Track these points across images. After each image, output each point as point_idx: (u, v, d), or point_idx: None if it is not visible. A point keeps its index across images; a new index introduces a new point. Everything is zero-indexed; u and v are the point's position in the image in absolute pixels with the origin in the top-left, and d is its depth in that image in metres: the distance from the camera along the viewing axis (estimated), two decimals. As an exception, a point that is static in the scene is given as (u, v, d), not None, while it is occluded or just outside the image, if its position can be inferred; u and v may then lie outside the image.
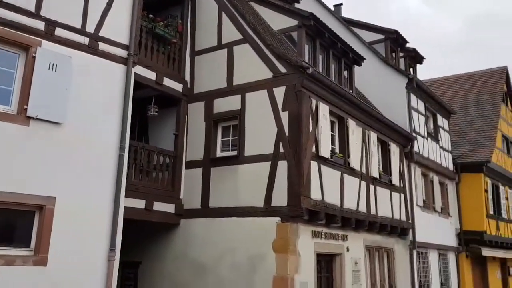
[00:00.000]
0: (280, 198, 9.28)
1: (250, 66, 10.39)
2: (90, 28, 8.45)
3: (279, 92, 9.78)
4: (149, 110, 10.76)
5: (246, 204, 9.70)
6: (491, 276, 20.22)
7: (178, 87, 11.00)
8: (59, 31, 7.97)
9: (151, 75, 10.18)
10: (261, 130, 9.86)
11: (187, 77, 11.35)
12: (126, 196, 8.70)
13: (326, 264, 10.44)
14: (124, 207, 8.55)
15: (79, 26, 8.29)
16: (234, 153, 10.20)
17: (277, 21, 11.55)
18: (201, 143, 10.75)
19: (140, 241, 11.11)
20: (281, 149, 9.49)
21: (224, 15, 11.11)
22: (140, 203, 9.66)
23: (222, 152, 10.61)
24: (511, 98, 23.98)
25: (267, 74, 10.06)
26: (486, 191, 18.68)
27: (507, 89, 23.51)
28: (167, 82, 10.65)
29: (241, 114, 10.24)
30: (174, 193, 10.58)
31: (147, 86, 10.16)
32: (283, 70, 9.86)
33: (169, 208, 10.42)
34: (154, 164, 10.28)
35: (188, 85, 11.28)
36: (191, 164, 10.82)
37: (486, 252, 18.41)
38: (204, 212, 10.34)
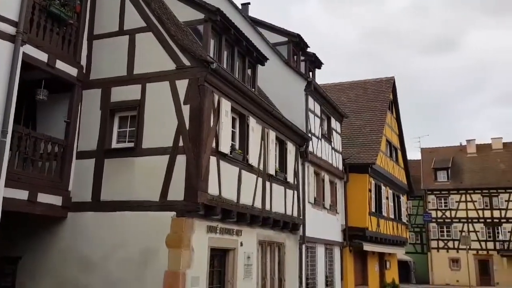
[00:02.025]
0: (176, 192, 9.16)
1: (152, 56, 10.09)
2: (-28, -2, 7.58)
3: (182, 85, 9.64)
4: (38, 94, 9.93)
5: (141, 198, 9.44)
6: (370, 268, 22.10)
7: (73, 71, 10.32)
8: None
9: (42, 56, 9.42)
10: (161, 123, 9.64)
11: (83, 61, 10.69)
12: (6, 186, 7.97)
13: (220, 259, 10.56)
14: (4, 197, 7.83)
15: (-42, -5, 7.39)
16: (131, 144, 9.85)
17: (184, 12, 11.35)
18: (95, 132, 10.21)
19: (22, 235, 10.28)
20: (181, 143, 9.38)
21: (127, 0, 10.64)
22: (22, 194, 8.94)
23: (118, 143, 10.18)
24: (395, 106, 26.32)
25: (170, 65, 9.86)
26: (370, 190, 20.31)
27: (393, 98, 25.79)
28: (60, 65, 9.92)
29: (141, 104, 9.91)
30: (62, 184, 9.93)
31: (37, 68, 9.39)
32: (187, 63, 9.72)
33: (56, 200, 9.77)
34: (41, 152, 9.54)
35: (84, 70, 10.63)
36: (83, 155, 10.24)
37: (367, 247, 20.06)
38: (94, 205, 9.86)
